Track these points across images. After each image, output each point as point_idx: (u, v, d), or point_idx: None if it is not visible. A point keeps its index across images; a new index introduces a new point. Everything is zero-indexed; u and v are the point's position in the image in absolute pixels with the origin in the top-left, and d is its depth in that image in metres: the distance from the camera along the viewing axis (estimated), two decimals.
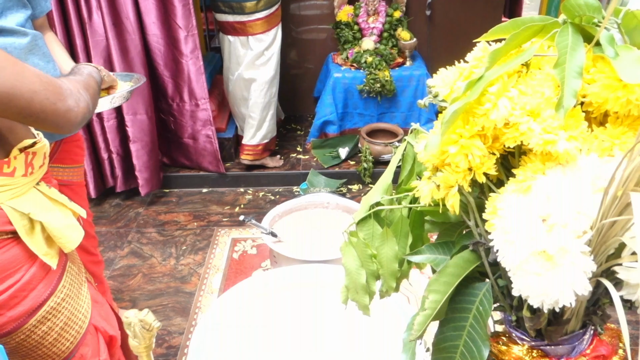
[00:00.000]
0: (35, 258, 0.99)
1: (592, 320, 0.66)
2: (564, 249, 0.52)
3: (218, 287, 2.37)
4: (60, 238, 1.00)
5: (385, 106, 3.38)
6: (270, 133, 3.23)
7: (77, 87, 0.98)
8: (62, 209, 1.07)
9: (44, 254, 0.98)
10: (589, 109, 0.57)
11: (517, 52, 0.60)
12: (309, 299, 1.48)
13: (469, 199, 0.65)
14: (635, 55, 0.52)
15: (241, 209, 2.99)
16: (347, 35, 3.49)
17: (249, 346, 1.29)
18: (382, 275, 0.76)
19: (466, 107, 0.57)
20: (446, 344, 0.68)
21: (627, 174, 0.46)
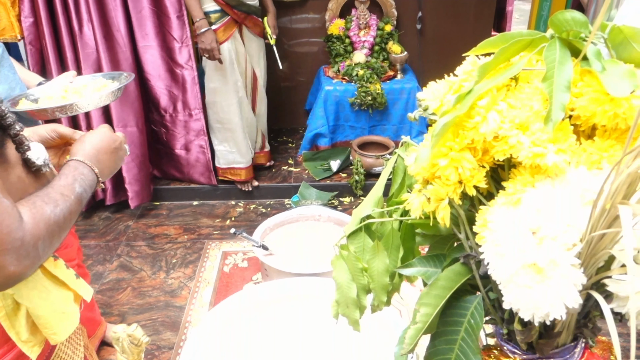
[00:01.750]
0: (13, 345, 0.83)
1: (583, 333, 0.66)
2: (554, 261, 0.52)
3: (209, 300, 2.35)
4: (47, 329, 0.84)
5: (377, 119, 3.39)
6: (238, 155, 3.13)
7: (38, 224, 0.74)
8: (63, 290, 0.90)
9: (25, 340, 0.83)
10: (577, 122, 0.57)
11: (506, 66, 0.60)
12: (301, 312, 1.47)
13: (459, 211, 0.65)
14: (621, 69, 0.53)
15: (232, 222, 2.98)
16: (338, 48, 3.51)
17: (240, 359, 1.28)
18: (373, 289, 0.76)
19: (456, 120, 0.58)
20: (438, 358, 0.68)
21: (615, 187, 0.46)
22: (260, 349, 1.34)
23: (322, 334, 1.38)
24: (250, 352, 1.31)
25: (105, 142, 0.96)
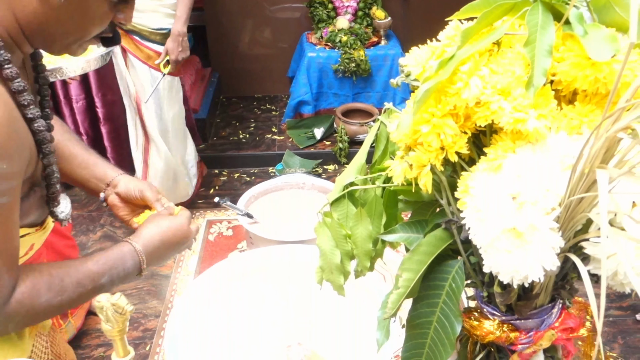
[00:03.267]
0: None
1: (560, 295, 0.68)
2: (533, 226, 0.53)
3: (194, 269, 2.36)
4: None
5: (361, 86, 3.37)
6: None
7: (21, 309, 0.72)
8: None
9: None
10: (559, 87, 0.57)
11: (488, 31, 0.60)
12: (286, 280, 1.49)
13: (441, 178, 0.65)
14: (603, 33, 0.53)
15: (216, 191, 2.97)
16: (321, 14, 3.45)
17: (226, 327, 1.29)
18: (357, 255, 0.77)
19: (438, 86, 0.57)
20: (420, 321, 0.69)
21: (593, 151, 0.47)
22: (246, 316, 1.36)
23: (307, 300, 1.40)
24: (236, 320, 1.33)
25: (177, 238, 0.94)
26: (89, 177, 1.05)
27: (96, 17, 0.74)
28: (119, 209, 1.06)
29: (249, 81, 3.79)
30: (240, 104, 3.79)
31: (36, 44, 0.78)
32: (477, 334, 0.70)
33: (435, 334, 0.68)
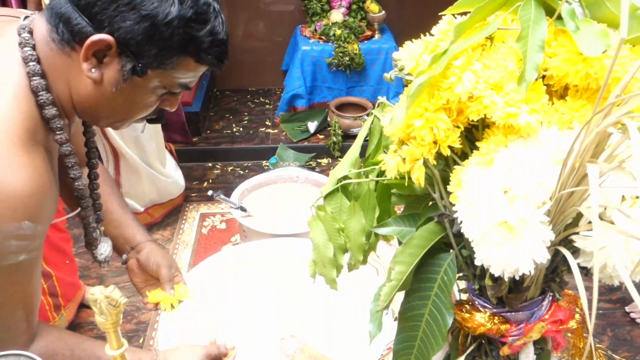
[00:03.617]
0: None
1: (550, 287, 0.69)
2: (524, 219, 0.53)
3: (187, 262, 2.36)
4: None
5: (354, 80, 3.37)
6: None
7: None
8: None
9: None
10: (550, 82, 0.58)
11: (481, 26, 0.60)
12: (279, 273, 1.49)
13: (434, 171, 0.66)
14: (595, 29, 0.53)
15: (210, 184, 2.97)
16: (315, 7, 3.44)
17: (219, 321, 1.30)
18: (350, 249, 0.77)
19: (431, 80, 0.58)
20: (412, 313, 0.70)
21: (584, 146, 0.47)
22: (239, 309, 1.37)
23: (301, 294, 1.41)
24: (229, 312, 1.34)
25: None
26: (118, 236, 1.08)
27: (144, 105, 0.79)
28: (134, 274, 1.09)
29: (242, 74, 3.77)
30: (234, 97, 3.78)
31: (84, 118, 0.83)
32: (469, 326, 0.70)
33: (427, 327, 0.69)
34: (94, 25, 0.70)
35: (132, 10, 0.69)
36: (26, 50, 0.72)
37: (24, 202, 0.67)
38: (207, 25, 0.74)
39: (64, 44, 0.72)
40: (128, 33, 0.70)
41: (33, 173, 0.69)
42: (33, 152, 0.70)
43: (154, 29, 0.70)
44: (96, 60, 0.72)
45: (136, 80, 0.75)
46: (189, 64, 0.76)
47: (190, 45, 0.73)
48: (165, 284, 1.04)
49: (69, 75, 0.74)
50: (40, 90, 0.72)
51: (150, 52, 0.72)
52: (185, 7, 0.71)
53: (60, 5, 0.71)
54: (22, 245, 0.70)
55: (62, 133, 0.77)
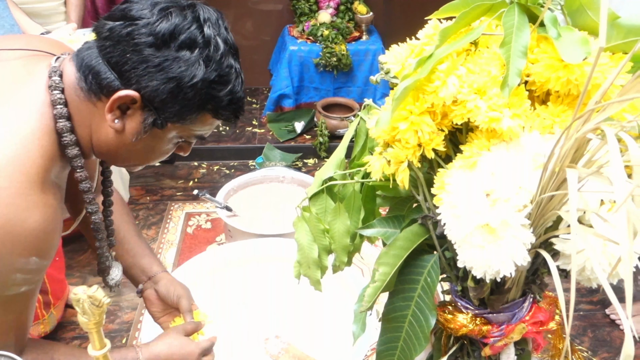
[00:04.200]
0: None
1: (531, 289, 0.70)
2: (506, 222, 0.54)
3: (172, 262, 2.35)
4: None
5: (342, 81, 3.37)
6: None
7: None
8: None
9: None
10: (532, 87, 0.59)
11: (466, 31, 0.61)
12: (264, 273, 1.49)
13: (418, 174, 0.66)
14: (576, 36, 0.54)
15: (195, 183, 2.95)
16: (303, 7, 3.44)
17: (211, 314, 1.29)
18: (335, 250, 0.78)
19: (416, 84, 0.59)
20: (395, 314, 0.71)
21: (564, 151, 0.48)
22: (224, 309, 1.36)
23: (286, 294, 1.41)
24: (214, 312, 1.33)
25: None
26: (133, 265, 1.10)
27: (161, 153, 0.83)
28: (152, 304, 1.11)
29: None
30: None
31: (101, 158, 0.87)
32: (451, 327, 0.71)
33: (410, 327, 0.69)
34: (122, 81, 0.73)
35: (161, 72, 0.72)
36: (55, 94, 0.74)
37: (35, 239, 0.70)
38: (228, 85, 0.76)
39: (90, 93, 0.75)
40: (154, 91, 0.73)
41: (46, 212, 0.71)
42: (47, 191, 0.72)
43: (179, 89, 0.73)
44: (120, 112, 0.75)
45: (156, 132, 0.78)
46: (206, 119, 0.79)
47: (209, 103, 0.77)
48: (185, 314, 1.07)
49: (91, 121, 0.77)
50: (65, 131, 0.75)
51: (172, 109, 0.75)
52: (210, 70, 0.74)
53: (91, 57, 0.74)
54: (27, 278, 0.72)
55: (82, 171, 0.80)
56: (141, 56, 0.71)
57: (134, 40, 0.71)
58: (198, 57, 0.73)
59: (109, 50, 0.72)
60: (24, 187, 0.69)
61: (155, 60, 0.71)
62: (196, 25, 0.73)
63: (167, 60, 0.72)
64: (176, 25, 0.72)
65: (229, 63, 0.76)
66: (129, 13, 0.72)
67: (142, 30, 0.71)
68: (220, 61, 0.75)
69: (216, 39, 0.74)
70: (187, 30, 0.72)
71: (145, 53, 0.71)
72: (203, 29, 0.73)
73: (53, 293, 1.85)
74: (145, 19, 0.71)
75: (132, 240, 1.11)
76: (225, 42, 0.76)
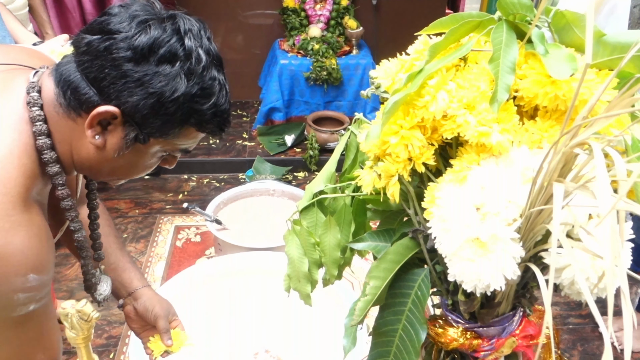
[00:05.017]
0: None
1: (521, 303, 0.70)
2: (495, 236, 0.55)
3: (161, 275, 2.33)
4: None
5: (332, 95, 3.39)
6: None
7: None
8: None
9: None
10: (521, 103, 0.60)
11: (456, 47, 0.62)
12: (254, 287, 1.48)
13: (408, 188, 0.67)
14: (563, 53, 0.55)
15: (185, 196, 2.94)
16: (294, 21, 3.47)
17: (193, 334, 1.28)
18: (325, 263, 0.77)
19: (407, 98, 0.59)
20: (386, 328, 0.70)
21: (552, 166, 0.49)
22: (213, 323, 1.35)
23: (275, 308, 1.40)
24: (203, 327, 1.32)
25: None
26: (114, 279, 1.08)
27: (144, 167, 0.81)
28: (132, 321, 1.10)
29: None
30: None
31: (83, 173, 0.86)
32: (442, 341, 0.71)
33: (401, 341, 0.69)
34: (101, 97, 0.71)
35: (140, 87, 0.70)
36: (34, 110, 0.72)
37: (26, 257, 0.69)
38: (212, 98, 0.75)
39: (70, 109, 0.73)
40: (134, 107, 0.71)
41: (31, 229, 0.70)
42: (30, 209, 0.71)
43: (160, 104, 0.71)
44: (100, 127, 0.74)
45: (138, 147, 0.76)
46: (190, 133, 0.77)
47: (192, 117, 0.75)
48: (162, 335, 1.06)
49: (71, 137, 0.75)
50: (46, 149, 0.73)
51: (154, 124, 0.73)
52: (191, 83, 0.72)
53: (70, 73, 0.72)
54: (30, 296, 0.71)
55: (64, 188, 0.79)
56: (120, 71, 0.69)
57: (112, 55, 0.69)
58: (179, 70, 0.71)
59: (87, 65, 0.71)
60: (7, 207, 0.67)
61: (134, 75, 0.70)
62: (176, 38, 0.71)
63: (147, 75, 0.70)
64: (155, 39, 0.70)
65: (212, 75, 0.74)
66: (107, 27, 0.70)
67: (121, 45, 0.69)
68: (203, 74, 0.73)
69: (198, 50, 0.72)
70: (167, 43, 0.70)
71: (124, 68, 0.69)
72: (184, 41, 0.71)
73: None
74: (124, 32, 0.69)
75: (114, 253, 1.09)
76: (207, 53, 0.74)
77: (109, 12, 0.72)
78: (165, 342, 1.05)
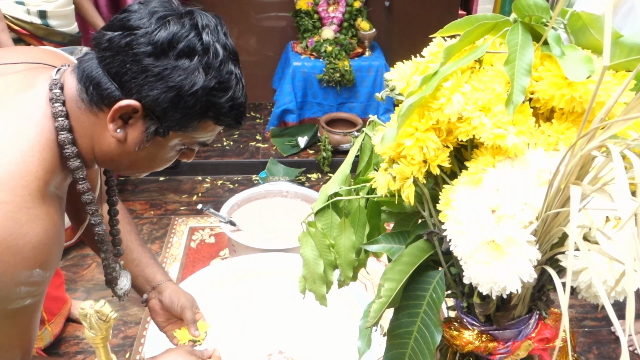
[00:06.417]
0: None
1: (537, 306, 0.70)
2: (511, 238, 0.54)
3: (176, 276, 2.35)
4: None
5: (345, 96, 3.39)
6: None
7: None
8: None
9: None
10: (537, 105, 0.60)
11: (470, 49, 0.62)
12: (268, 288, 1.49)
13: (423, 190, 0.67)
14: (579, 54, 0.55)
15: (199, 198, 2.96)
16: (307, 24, 3.48)
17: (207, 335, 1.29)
18: (340, 265, 0.78)
19: (422, 101, 0.59)
20: (401, 330, 0.70)
21: (569, 168, 0.49)
22: (227, 324, 1.36)
23: (290, 309, 1.41)
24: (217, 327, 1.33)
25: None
26: (138, 275, 1.11)
27: (163, 160, 0.84)
28: (157, 314, 1.12)
29: None
30: None
31: (104, 167, 0.88)
32: (457, 344, 0.71)
33: (416, 344, 0.69)
34: (123, 91, 0.73)
35: (160, 81, 0.72)
36: (57, 106, 0.74)
37: (38, 251, 0.70)
38: (229, 92, 0.76)
39: (92, 104, 0.75)
40: (155, 101, 0.73)
41: (47, 224, 0.71)
42: (48, 203, 0.73)
43: (179, 98, 0.73)
44: (122, 121, 0.76)
45: (158, 140, 0.78)
46: (208, 126, 0.79)
47: (210, 110, 0.77)
48: (190, 325, 1.08)
49: (93, 131, 0.78)
50: (67, 143, 0.75)
51: (173, 117, 0.75)
52: (209, 77, 0.74)
53: (92, 69, 0.74)
54: (31, 291, 0.72)
55: (85, 182, 0.80)
56: (141, 66, 0.72)
57: (133, 50, 0.71)
58: (197, 64, 0.73)
59: (109, 60, 0.73)
60: (26, 200, 0.69)
61: (154, 70, 0.72)
62: (194, 33, 0.73)
63: (166, 69, 0.72)
64: (174, 34, 0.72)
65: (229, 69, 0.76)
66: (127, 23, 0.72)
67: (141, 40, 0.71)
68: (220, 68, 0.75)
69: (215, 45, 0.74)
70: (185, 38, 0.72)
71: (144, 63, 0.71)
72: (202, 36, 0.73)
73: (48, 309, 1.85)
74: (144, 28, 0.72)
75: (136, 249, 1.11)
76: (224, 47, 0.76)
77: (129, 9, 0.74)
78: (193, 333, 1.06)
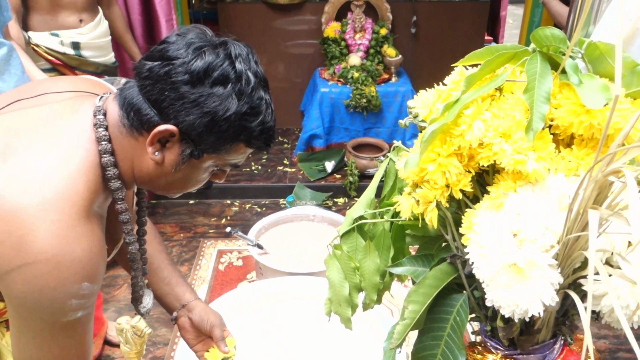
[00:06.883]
0: None
1: (561, 331, 0.70)
2: (533, 262, 0.55)
3: (204, 298, 2.38)
4: None
5: (371, 121, 3.43)
6: None
7: None
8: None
9: None
10: (557, 131, 0.61)
11: (491, 77, 0.64)
12: (295, 311, 1.50)
13: (446, 214, 0.68)
14: (596, 83, 0.57)
15: (227, 221, 3.00)
16: (334, 50, 3.54)
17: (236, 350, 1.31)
18: (365, 288, 0.79)
19: (444, 127, 0.61)
20: (425, 353, 0.71)
21: (587, 193, 0.50)
22: (254, 346, 1.37)
23: (315, 332, 1.41)
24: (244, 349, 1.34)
25: None
26: (168, 293, 1.16)
27: (197, 181, 0.89)
28: (187, 332, 1.15)
29: None
30: None
31: (142, 187, 0.94)
32: None
33: None
34: (161, 117, 0.79)
35: (196, 107, 0.77)
36: (100, 131, 0.81)
37: (85, 266, 0.75)
38: (260, 116, 0.81)
39: (133, 129, 0.81)
40: (191, 125, 0.78)
41: (92, 240, 0.77)
42: (92, 221, 0.78)
43: (214, 122, 0.78)
44: (160, 145, 0.81)
45: (193, 162, 0.83)
46: (240, 148, 0.84)
47: (242, 134, 0.82)
48: (219, 343, 1.11)
49: (133, 154, 0.83)
50: (109, 166, 0.81)
51: (208, 141, 0.80)
52: (242, 103, 0.79)
53: (133, 96, 0.80)
54: (81, 304, 0.77)
55: (123, 203, 0.86)
56: (178, 93, 0.77)
57: (171, 79, 0.76)
58: (231, 91, 0.78)
59: (149, 88, 0.78)
60: (73, 219, 0.74)
61: (191, 97, 0.77)
62: (228, 62, 0.78)
63: (202, 96, 0.77)
64: (210, 63, 0.77)
65: (260, 95, 0.81)
66: (166, 54, 0.78)
67: (179, 69, 0.76)
68: (252, 94, 0.79)
69: (247, 73, 0.79)
70: (220, 67, 0.77)
71: (182, 90, 0.76)
72: (235, 65, 0.78)
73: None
74: (181, 58, 0.77)
75: (167, 269, 1.16)
76: (255, 75, 0.81)
77: (167, 40, 0.80)
78: (223, 350, 1.09)
